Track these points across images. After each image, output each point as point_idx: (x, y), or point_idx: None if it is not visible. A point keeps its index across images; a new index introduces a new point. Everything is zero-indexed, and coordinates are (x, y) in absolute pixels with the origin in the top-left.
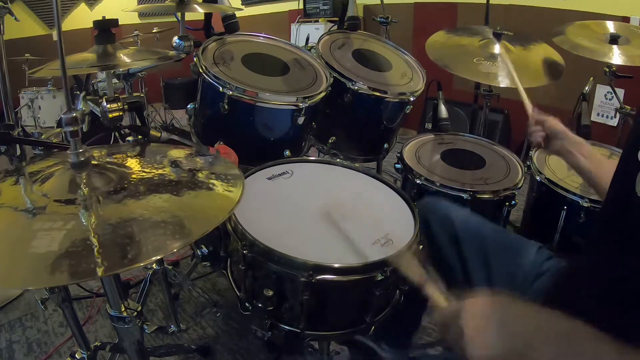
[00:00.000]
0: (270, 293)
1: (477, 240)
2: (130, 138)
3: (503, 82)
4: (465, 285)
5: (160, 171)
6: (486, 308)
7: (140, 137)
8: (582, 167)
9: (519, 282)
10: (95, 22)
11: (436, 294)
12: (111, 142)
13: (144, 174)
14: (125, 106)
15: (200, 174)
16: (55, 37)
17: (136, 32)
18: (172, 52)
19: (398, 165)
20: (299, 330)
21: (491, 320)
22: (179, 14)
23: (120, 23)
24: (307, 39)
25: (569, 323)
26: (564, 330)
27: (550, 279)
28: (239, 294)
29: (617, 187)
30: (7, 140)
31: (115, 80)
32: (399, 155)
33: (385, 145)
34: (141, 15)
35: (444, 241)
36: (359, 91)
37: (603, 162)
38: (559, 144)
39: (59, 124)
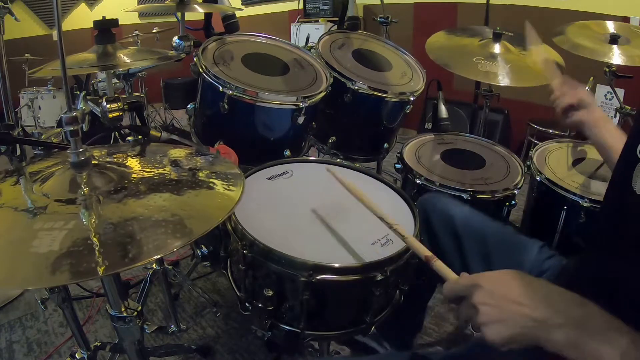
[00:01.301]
0: (270, 293)
1: (478, 237)
2: (130, 138)
3: (503, 82)
4: None
5: (160, 170)
6: (503, 284)
7: (140, 137)
8: (605, 143)
9: None
10: (95, 22)
11: (445, 268)
12: (111, 142)
13: (144, 173)
14: (125, 106)
15: (200, 173)
16: (55, 37)
17: (136, 32)
18: (172, 52)
19: (398, 165)
20: (299, 330)
21: (508, 298)
22: (179, 14)
23: (120, 23)
24: (307, 39)
25: (588, 308)
26: (581, 317)
27: (552, 278)
28: (239, 294)
29: (615, 183)
30: (7, 140)
31: (115, 80)
32: (399, 155)
33: (385, 145)
34: (141, 15)
35: (445, 238)
36: (359, 91)
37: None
38: (585, 114)
39: (59, 123)
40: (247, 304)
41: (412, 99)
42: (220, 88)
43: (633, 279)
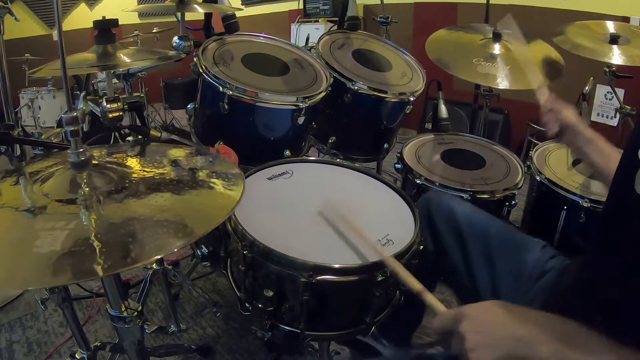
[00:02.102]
0: (270, 293)
1: (481, 235)
2: (130, 138)
3: (502, 84)
4: (468, 279)
5: (160, 170)
6: (487, 313)
7: (140, 137)
8: (596, 165)
9: (523, 278)
10: (95, 22)
11: (435, 300)
12: (111, 142)
13: (144, 173)
14: (125, 106)
15: (200, 173)
16: (55, 37)
17: (136, 32)
18: (172, 52)
19: (398, 165)
20: (299, 331)
21: (492, 324)
22: (179, 14)
23: (120, 23)
24: (307, 39)
25: (568, 325)
26: (563, 333)
27: (555, 277)
28: (239, 294)
29: (617, 185)
30: (7, 140)
31: (115, 80)
32: (399, 155)
33: (385, 145)
34: (141, 15)
35: (447, 235)
36: (359, 91)
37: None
38: (572, 137)
39: (59, 123)
40: (247, 305)
41: (412, 99)
42: (220, 88)
43: (635, 280)
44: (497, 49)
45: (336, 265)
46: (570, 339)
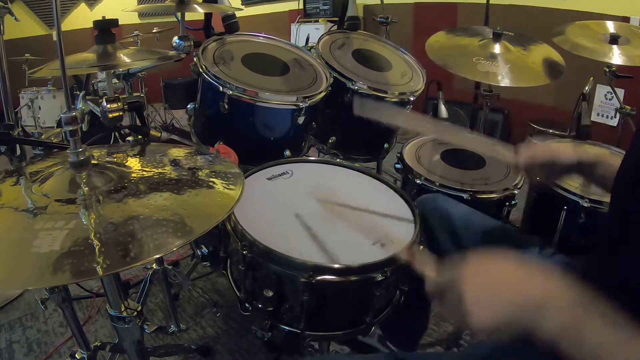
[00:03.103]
0: (270, 293)
1: (477, 237)
2: (130, 138)
3: (503, 82)
4: None
5: (160, 170)
6: (488, 271)
7: (140, 137)
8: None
9: None
10: (95, 22)
11: (426, 265)
12: (111, 142)
13: (144, 173)
14: (125, 106)
15: (200, 173)
16: (55, 37)
17: (136, 32)
18: (172, 52)
19: (398, 165)
20: (299, 331)
21: (494, 284)
22: (179, 14)
23: (120, 23)
24: (307, 39)
25: (580, 295)
26: (573, 301)
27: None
28: (239, 295)
29: (624, 188)
30: (7, 140)
31: (115, 80)
32: (399, 155)
33: (385, 145)
34: (141, 15)
35: (444, 238)
36: (359, 91)
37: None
38: (557, 173)
39: (59, 123)
40: (247, 305)
41: (412, 99)
42: (220, 88)
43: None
44: (497, 48)
45: (336, 265)
46: (582, 318)
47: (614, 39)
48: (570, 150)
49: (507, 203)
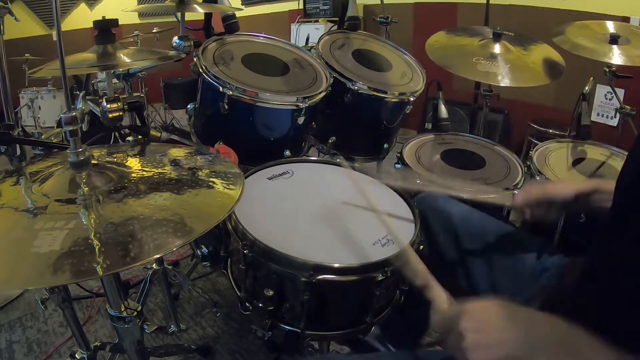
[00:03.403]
0: (271, 293)
1: (477, 236)
2: (130, 138)
3: (503, 82)
4: (465, 280)
5: (160, 170)
6: (488, 312)
7: (140, 137)
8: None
9: (522, 277)
10: (95, 22)
11: (439, 296)
12: (111, 142)
13: (144, 173)
14: (125, 106)
15: (200, 173)
16: (55, 37)
17: (136, 32)
18: (172, 52)
19: (398, 165)
20: (299, 330)
21: (492, 324)
22: (179, 14)
23: (120, 23)
24: (307, 39)
25: (569, 329)
26: (563, 336)
27: (554, 276)
28: (239, 294)
29: (626, 191)
30: (7, 140)
31: (115, 80)
32: (399, 155)
33: (385, 145)
34: (141, 15)
35: (443, 237)
36: (359, 91)
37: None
38: (555, 211)
39: (59, 123)
40: (247, 304)
41: (412, 99)
42: (220, 88)
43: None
44: (497, 48)
45: (336, 265)
46: (572, 347)
47: (614, 39)
48: (566, 187)
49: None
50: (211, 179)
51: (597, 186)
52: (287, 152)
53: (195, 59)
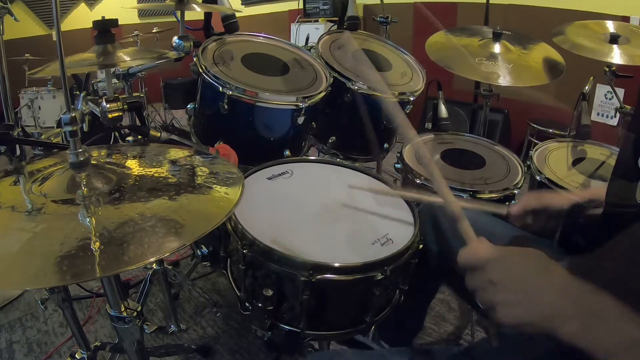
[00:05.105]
0: (270, 293)
1: (485, 236)
2: (130, 138)
3: (503, 82)
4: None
5: (159, 171)
6: (524, 267)
7: (140, 137)
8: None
9: None
10: (95, 22)
11: (468, 232)
12: (111, 142)
13: (143, 174)
14: (125, 106)
15: (200, 173)
16: (55, 37)
17: (136, 32)
18: (172, 52)
19: (398, 165)
20: (299, 330)
21: (530, 287)
22: (178, 14)
23: (120, 23)
24: (307, 39)
25: (602, 298)
26: (596, 305)
27: None
28: (238, 294)
29: (616, 193)
30: (7, 140)
31: (115, 80)
32: (399, 155)
33: (385, 145)
34: (141, 15)
35: (453, 236)
36: (359, 91)
37: None
38: (551, 220)
39: (59, 124)
40: (247, 304)
41: (412, 99)
42: (220, 88)
43: (635, 285)
44: (497, 48)
45: (336, 264)
46: (602, 315)
47: (613, 39)
48: (562, 197)
49: (507, 203)
50: (211, 180)
51: (592, 196)
52: (287, 152)
53: (195, 59)
